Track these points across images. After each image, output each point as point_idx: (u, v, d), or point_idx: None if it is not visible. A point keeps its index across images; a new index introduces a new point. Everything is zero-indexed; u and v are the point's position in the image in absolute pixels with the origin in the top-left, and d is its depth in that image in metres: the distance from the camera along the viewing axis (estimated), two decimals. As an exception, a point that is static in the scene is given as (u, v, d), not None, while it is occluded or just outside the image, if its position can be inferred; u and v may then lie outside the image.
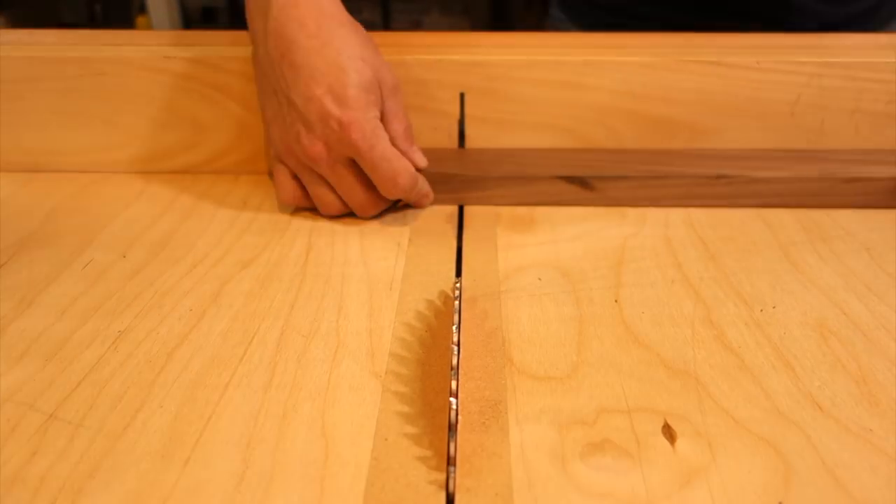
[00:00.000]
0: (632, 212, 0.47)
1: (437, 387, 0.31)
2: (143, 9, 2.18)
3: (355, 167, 0.43)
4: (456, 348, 0.33)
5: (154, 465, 0.27)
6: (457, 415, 0.29)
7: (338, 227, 0.45)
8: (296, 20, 0.42)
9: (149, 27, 2.15)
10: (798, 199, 0.47)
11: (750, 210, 0.47)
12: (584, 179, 0.47)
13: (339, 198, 0.45)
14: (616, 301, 0.37)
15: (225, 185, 0.51)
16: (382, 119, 0.44)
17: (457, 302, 0.37)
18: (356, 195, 0.44)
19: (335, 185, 0.44)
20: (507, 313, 0.36)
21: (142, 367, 0.32)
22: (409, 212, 0.47)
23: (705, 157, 0.49)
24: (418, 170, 0.45)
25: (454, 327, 0.35)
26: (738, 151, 0.50)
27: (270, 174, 0.49)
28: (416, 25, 2.35)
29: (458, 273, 0.40)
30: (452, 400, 0.30)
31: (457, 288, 0.38)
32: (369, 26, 0.46)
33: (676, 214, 0.47)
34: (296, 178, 0.45)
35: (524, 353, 0.33)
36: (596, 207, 0.47)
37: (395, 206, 0.47)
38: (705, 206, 0.47)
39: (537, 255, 0.42)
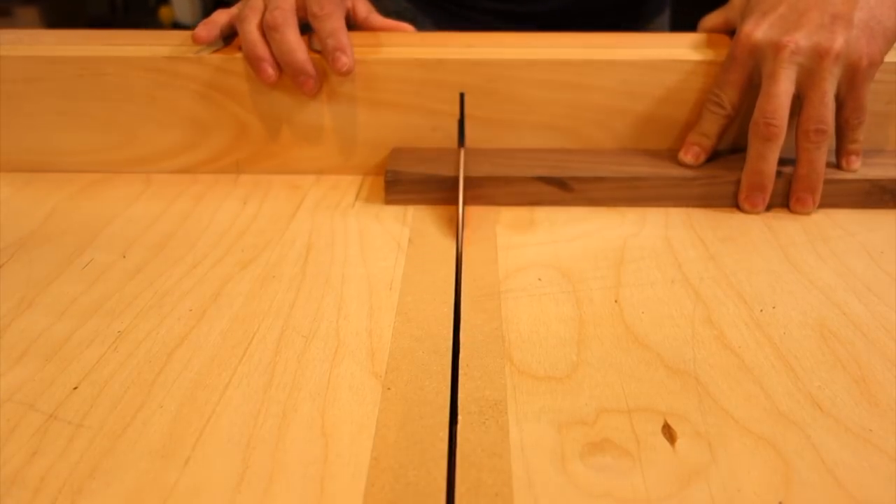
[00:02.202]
0: (631, 212, 0.47)
1: (436, 386, 0.31)
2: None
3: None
4: (456, 349, 0.33)
5: (154, 464, 0.27)
6: (456, 414, 0.29)
7: (338, 227, 0.45)
8: None
9: (172, 18, 2.14)
10: (773, 198, 0.47)
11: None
12: (562, 180, 0.47)
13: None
14: (616, 301, 0.37)
15: (225, 185, 0.51)
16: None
17: (456, 296, 0.37)
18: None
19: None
20: (507, 313, 0.36)
21: (142, 367, 0.32)
22: (410, 212, 0.47)
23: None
24: None
25: (454, 327, 0.35)
26: (716, 151, 0.50)
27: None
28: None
29: (458, 273, 0.40)
30: (452, 399, 0.30)
31: (456, 287, 0.38)
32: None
33: (676, 214, 0.47)
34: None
35: (524, 352, 0.33)
36: (596, 208, 0.47)
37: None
38: (683, 206, 0.48)
39: (537, 255, 0.42)
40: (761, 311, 0.37)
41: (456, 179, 0.47)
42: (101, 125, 0.52)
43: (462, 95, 0.51)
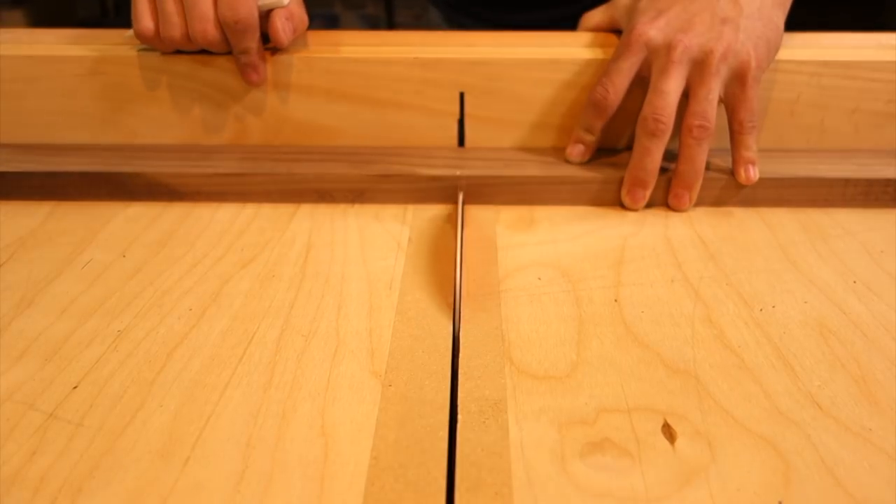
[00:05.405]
0: (631, 211, 0.47)
1: (436, 385, 0.31)
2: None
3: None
4: (456, 349, 0.33)
5: (154, 464, 0.27)
6: (456, 414, 0.29)
7: (338, 227, 0.45)
8: None
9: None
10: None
11: (750, 210, 0.47)
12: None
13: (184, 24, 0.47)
14: (616, 300, 0.37)
15: (225, 184, 0.51)
16: None
17: (456, 302, 0.37)
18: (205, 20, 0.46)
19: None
20: (506, 313, 0.36)
21: (141, 366, 0.32)
22: (410, 212, 0.47)
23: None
24: None
25: (454, 326, 0.35)
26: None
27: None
28: (417, 19, 2.37)
29: (458, 272, 0.40)
30: (451, 399, 0.30)
31: (456, 287, 0.38)
32: (374, 21, 0.45)
33: (676, 214, 0.47)
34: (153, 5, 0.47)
35: (524, 352, 0.33)
36: (596, 207, 0.47)
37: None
38: (575, 205, 0.48)
39: (537, 255, 0.42)
40: (761, 310, 0.37)
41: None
42: (101, 125, 0.52)
43: (462, 95, 0.51)
